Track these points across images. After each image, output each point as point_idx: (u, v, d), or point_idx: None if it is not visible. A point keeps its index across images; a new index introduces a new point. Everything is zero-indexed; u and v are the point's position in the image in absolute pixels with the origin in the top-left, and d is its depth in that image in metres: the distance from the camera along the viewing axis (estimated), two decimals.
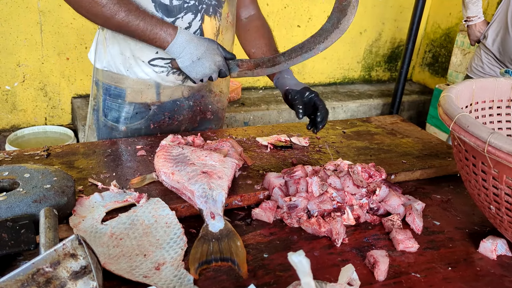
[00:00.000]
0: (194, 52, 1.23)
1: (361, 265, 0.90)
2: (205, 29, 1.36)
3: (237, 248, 0.89)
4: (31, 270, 0.67)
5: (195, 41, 1.23)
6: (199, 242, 0.90)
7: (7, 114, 3.27)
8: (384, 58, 4.67)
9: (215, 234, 0.92)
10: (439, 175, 1.31)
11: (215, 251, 0.88)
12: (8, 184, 0.94)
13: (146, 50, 1.34)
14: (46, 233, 0.77)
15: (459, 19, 4.24)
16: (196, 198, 0.98)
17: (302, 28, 4.08)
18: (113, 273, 0.81)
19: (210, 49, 1.24)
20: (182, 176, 1.03)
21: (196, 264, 0.85)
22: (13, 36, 3.08)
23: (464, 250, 0.98)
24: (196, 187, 0.99)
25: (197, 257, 0.86)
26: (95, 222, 0.93)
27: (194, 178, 1.02)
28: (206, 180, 1.01)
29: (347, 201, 1.06)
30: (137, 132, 1.44)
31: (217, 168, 1.07)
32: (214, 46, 1.26)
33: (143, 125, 1.44)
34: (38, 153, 1.22)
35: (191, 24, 1.33)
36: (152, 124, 1.44)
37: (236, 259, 0.86)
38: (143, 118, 1.43)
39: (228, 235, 0.92)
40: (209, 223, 0.94)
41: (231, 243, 0.90)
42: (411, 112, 4.39)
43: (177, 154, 1.13)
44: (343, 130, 1.56)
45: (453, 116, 0.89)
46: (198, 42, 1.24)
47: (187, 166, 1.07)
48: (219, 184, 1.02)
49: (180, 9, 1.30)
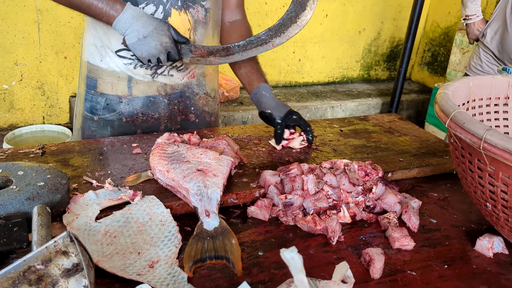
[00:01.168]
0: (141, 30, 1.19)
1: (356, 263, 0.90)
2: (172, 23, 1.30)
3: (232, 246, 0.88)
4: (22, 267, 0.66)
5: (143, 19, 1.19)
6: (194, 240, 0.89)
7: (5, 113, 3.26)
8: (383, 57, 4.67)
9: (210, 232, 0.91)
10: (436, 173, 1.31)
11: (209, 249, 0.87)
12: (1, 182, 0.93)
13: (113, 40, 1.32)
14: (39, 230, 0.77)
15: (458, 18, 4.24)
16: (191, 196, 0.97)
17: None
18: (106, 271, 0.81)
19: (159, 29, 1.20)
20: (177, 173, 1.02)
21: (191, 262, 0.84)
22: (11, 35, 3.07)
23: (460, 248, 0.98)
24: (191, 185, 0.99)
25: (191, 255, 0.86)
26: (89, 220, 0.93)
27: (189, 176, 1.01)
28: (201, 178, 1.01)
29: (343, 199, 1.05)
30: (110, 124, 1.42)
31: (213, 165, 1.07)
32: (164, 27, 1.21)
33: (115, 117, 1.42)
34: (33, 151, 1.21)
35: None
36: (125, 118, 1.42)
37: (231, 257, 0.86)
38: (115, 111, 1.41)
39: (223, 233, 0.91)
40: (204, 221, 0.94)
41: (226, 241, 0.89)
42: (410, 111, 4.38)
43: (172, 152, 1.12)
44: (341, 128, 1.55)
45: (449, 113, 0.88)
46: (146, 20, 1.19)
47: (182, 164, 1.06)
48: (214, 182, 1.01)
49: (142, 0, 1.27)
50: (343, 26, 4.28)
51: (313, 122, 1.59)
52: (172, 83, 1.42)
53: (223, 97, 3.68)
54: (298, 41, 4.11)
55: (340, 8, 4.19)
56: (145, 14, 1.22)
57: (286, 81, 4.30)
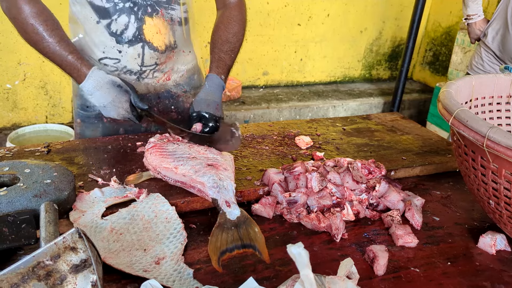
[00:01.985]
0: (101, 100, 1.24)
1: (360, 260, 0.91)
2: (148, 31, 1.32)
3: (256, 234, 0.89)
4: (31, 263, 0.67)
5: (103, 89, 1.23)
6: (218, 230, 0.90)
7: (8, 112, 3.27)
8: (384, 57, 4.67)
9: (234, 222, 0.93)
10: (439, 171, 1.32)
11: (235, 239, 0.88)
12: (9, 179, 0.94)
13: (94, 48, 1.34)
14: (47, 227, 0.78)
15: (460, 18, 4.24)
16: (208, 189, 0.99)
17: (302, 26, 4.08)
18: (113, 267, 0.82)
19: (117, 101, 1.23)
20: (187, 169, 1.04)
21: (218, 253, 0.84)
22: (14, 35, 3.08)
23: (463, 245, 0.99)
24: (206, 178, 1.00)
25: (217, 246, 0.86)
26: (95, 217, 0.93)
27: (201, 171, 1.03)
28: (214, 171, 1.03)
29: (347, 197, 1.06)
30: (93, 125, 1.43)
31: (220, 161, 1.09)
32: (122, 99, 1.24)
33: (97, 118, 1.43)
34: (39, 149, 1.22)
35: (128, 26, 1.29)
36: (105, 118, 1.42)
37: (256, 244, 0.87)
38: (94, 111, 1.42)
39: (246, 222, 0.93)
40: (226, 211, 0.95)
41: (250, 230, 0.90)
42: (412, 110, 4.39)
43: (174, 150, 1.14)
44: (343, 127, 1.56)
45: (453, 111, 0.89)
46: (106, 91, 1.23)
47: (190, 160, 1.07)
48: (227, 175, 1.03)
49: (114, 11, 1.27)
50: (344, 26, 4.29)
51: (316, 121, 1.60)
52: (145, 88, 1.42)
53: (225, 96, 3.69)
54: (299, 41, 4.12)
55: (342, 7, 4.19)
56: (106, 82, 1.23)
57: (288, 81, 4.31)
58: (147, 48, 1.34)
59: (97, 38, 1.31)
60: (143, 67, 1.37)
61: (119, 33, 1.30)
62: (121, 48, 1.32)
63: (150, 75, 1.40)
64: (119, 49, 1.32)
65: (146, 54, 1.35)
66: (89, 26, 1.31)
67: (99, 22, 1.29)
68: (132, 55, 1.33)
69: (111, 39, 1.31)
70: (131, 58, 1.34)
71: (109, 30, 1.29)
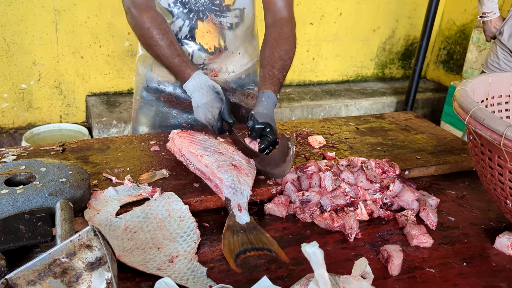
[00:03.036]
0: (197, 100, 1.31)
1: (374, 259, 0.90)
2: (200, 33, 1.42)
3: (267, 239, 0.90)
4: (48, 260, 0.68)
5: (202, 91, 1.30)
6: (229, 233, 0.91)
7: (24, 112, 3.32)
8: (397, 56, 4.63)
9: (242, 226, 0.93)
10: (454, 171, 1.30)
11: (245, 242, 0.89)
12: (25, 178, 0.95)
13: None
14: (62, 225, 0.79)
15: (474, 16, 4.18)
16: (225, 187, 1.00)
17: (314, 25, 4.06)
18: (127, 265, 0.82)
19: (209, 105, 1.29)
20: (211, 161, 1.05)
21: (233, 255, 0.85)
22: (29, 35, 3.12)
23: (479, 245, 0.97)
24: (226, 176, 1.01)
25: (231, 249, 0.87)
26: (110, 216, 0.94)
27: (223, 168, 1.04)
28: (236, 173, 1.03)
29: (360, 196, 1.05)
30: (152, 102, 1.55)
31: (244, 165, 1.09)
32: (214, 105, 1.28)
33: (158, 98, 1.54)
34: (54, 148, 1.23)
35: (181, 28, 1.40)
36: (163, 97, 1.53)
37: (271, 247, 0.87)
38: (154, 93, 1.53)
39: (256, 228, 0.93)
40: (237, 215, 0.96)
41: (260, 235, 0.91)
42: (425, 110, 4.34)
43: (204, 140, 1.17)
44: (357, 126, 1.55)
45: (469, 110, 0.88)
46: (204, 93, 1.30)
47: (216, 154, 1.09)
48: (246, 181, 1.03)
49: (174, 14, 1.38)
50: (357, 25, 4.26)
51: (328, 120, 1.59)
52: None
53: None
54: (312, 40, 4.11)
55: (355, 6, 4.17)
56: (207, 86, 1.31)
57: (300, 80, 4.30)
58: (197, 48, 1.43)
59: None
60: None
61: (175, 33, 1.40)
62: None
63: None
64: None
65: (195, 54, 1.44)
66: None
67: None
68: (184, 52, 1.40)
69: None
70: None
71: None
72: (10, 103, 3.25)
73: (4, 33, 3.05)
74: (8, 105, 3.26)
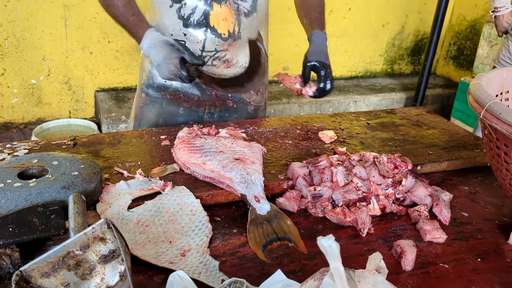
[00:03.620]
0: (155, 58, 1.34)
1: (387, 255, 0.89)
2: (214, 16, 1.39)
3: (289, 227, 0.91)
4: (62, 252, 0.68)
5: (157, 48, 1.32)
6: (253, 226, 0.91)
7: (33, 107, 3.34)
8: (407, 51, 4.60)
9: (264, 217, 0.94)
10: (467, 166, 1.29)
11: (270, 233, 0.90)
12: (38, 171, 0.96)
13: (165, 31, 1.43)
14: (75, 218, 0.79)
15: (485, 10, 4.14)
16: (237, 185, 0.99)
17: None
18: (139, 259, 0.82)
19: (168, 57, 1.31)
20: (215, 165, 1.04)
21: (261, 247, 0.86)
22: (39, 31, 3.14)
23: (493, 241, 0.96)
24: (233, 174, 1.01)
25: (257, 241, 0.88)
26: (122, 209, 0.94)
27: (228, 166, 1.03)
28: (242, 166, 1.03)
29: (373, 191, 1.05)
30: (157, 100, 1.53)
31: (247, 153, 1.09)
32: (172, 55, 1.31)
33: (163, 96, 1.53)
34: (65, 142, 1.24)
35: (194, 11, 1.38)
36: (169, 95, 1.52)
37: (291, 237, 0.88)
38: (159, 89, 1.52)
39: (277, 216, 0.94)
40: (256, 206, 0.96)
41: (282, 223, 0.91)
42: (435, 105, 4.31)
43: (201, 145, 1.13)
44: (367, 121, 1.54)
45: (484, 104, 0.87)
46: (159, 49, 1.32)
47: (217, 155, 1.08)
48: (255, 169, 1.03)
49: None
50: (366, 20, 4.23)
51: (339, 115, 1.58)
52: (220, 73, 1.48)
53: None
54: None
55: (364, 1, 4.14)
56: (160, 41, 1.33)
57: None
58: (210, 33, 1.40)
59: (168, 21, 1.41)
60: (204, 52, 1.43)
61: (186, 17, 1.38)
62: (186, 31, 1.40)
63: (210, 62, 1.46)
64: (185, 32, 1.41)
65: (208, 39, 1.41)
66: (163, 10, 1.41)
67: (172, 6, 1.38)
68: (195, 39, 1.41)
69: (178, 22, 1.39)
70: (194, 41, 1.41)
71: (178, 14, 1.38)
72: (20, 99, 3.28)
73: (14, 28, 3.07)
74: (18, 100, 3.28)
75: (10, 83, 3.20)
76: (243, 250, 0.88)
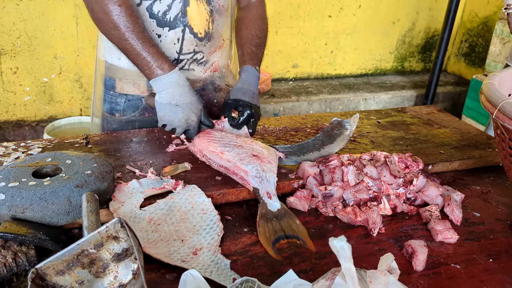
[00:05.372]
0: (177, 97, 1.18)
1: (398, 255, 0.89)
2: (191, 13, 1.26)
3: (298, 226, 0.92)
4: (76, 251, 0.69)
5: (184, 89, 1.19)
6: (263, 221, 0.93)
7: (45, 105, 3.37)
8: (417, 49, 4.56)
9: (274, 213, 0.95)
10: (479, 166, 1.28)
11: (278, 230, 0.91)
12: (52, 170, 0.97)
13: None
14: (89, 216, 0.80)
15: (498, 7, 4.09)
16: (251, 178, 1.01)
17: (333, 18, 4.02)
18: (152, 257, 0.83)
19: (193, 106, 1.20)
20: (233, 156, 1.07)
21: (270, 243, 0.88)
22: (50, 29, 3.17)
23: (505, 241, 0.96)
24: (249, 167, 1.03)
25: (267, 237, 0.89)
26: (134, 208, 0.95)
27: (246, 159, 1.06)
28: (259, 162, 1.05)
29: (384, 191, 1.04)
30: (131, 124, 1.40)
31: (265, 153, 1.11)
32: (198, 106, 1.21)
33: (137, 116, 1.40)
34: (78, 140, 1.25)
35: (171, 7, 1.23)
36: (147, 112, 1.39)
37: (300, 235, 0.89)
38: (137, 109, 1.38)
39: (286, 215, 0.95)
40: (267, 202, 0.98)
41: (291, 222, 0.93)
42: (446, 103, 4.27)
43: (221, 137, 1.17)
44: (378, 120, 1.53)
45: (497, 104, 0.86)
46: (186, 91, 1.19)
47: (236, 148, 1.11)
48: (270, 168, 1.05)
49: None
50: (376, 17, 4.21)
51: (349, 114, 1.58)
52: (194, 77, 1.37)
53: None
54: (330, 33, 4.07)
55: None
56: (188, 85, 1.20)
57: (318, 73, 4.27)
58: (188, 32, 1.27)
59: None
60: (181, 55, 1.30)
61: (161, 15, 1.23)
62: (160, 32, 1.25)
63: (187, 66, 1.34)
64: (159, 33, 1.25)
65: (186, 39, 1.28)
66: None
67: (140, 4, 1.21)
68: (171, 40, 1.27)
69: (151, 22, 1.23)
70: (170, 43, 1.27)
71: (150, 12, 1.22)
72: (32, 97, 3.31)
73: (26, 27, 3.10)
74: (30, 98, 3.31)
75: (22, 81, 3.23)
76: (254, 249, 0.89)
